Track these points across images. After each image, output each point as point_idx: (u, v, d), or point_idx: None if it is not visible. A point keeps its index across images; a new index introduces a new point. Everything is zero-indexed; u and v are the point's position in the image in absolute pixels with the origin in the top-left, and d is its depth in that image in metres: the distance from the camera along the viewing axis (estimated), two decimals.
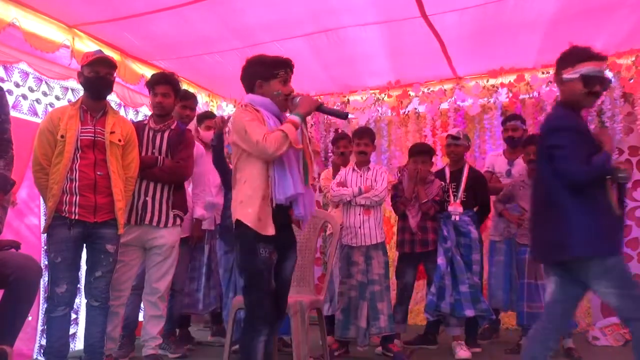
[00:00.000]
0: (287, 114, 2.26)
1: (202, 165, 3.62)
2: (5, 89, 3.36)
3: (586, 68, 2.16)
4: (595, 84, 2.13)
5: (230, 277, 3.47)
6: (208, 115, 4.10)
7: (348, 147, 3.86)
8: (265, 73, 2.24)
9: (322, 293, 3.13)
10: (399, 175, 3.83)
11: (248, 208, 2.12)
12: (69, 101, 3.73)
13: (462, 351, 3.41)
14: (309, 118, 5.67)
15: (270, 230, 2.11)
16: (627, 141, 4.51)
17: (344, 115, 2.54)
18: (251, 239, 2.11)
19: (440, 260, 3.49)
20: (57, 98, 3.80)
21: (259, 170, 2.14)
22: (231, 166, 3.72)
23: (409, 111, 5.17)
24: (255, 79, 2.26)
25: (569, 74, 2.19)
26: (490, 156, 4.37)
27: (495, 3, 3.57)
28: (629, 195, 4.51)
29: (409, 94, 5.13)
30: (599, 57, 2.21)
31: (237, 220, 2.15)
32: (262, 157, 2.12)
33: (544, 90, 4.65)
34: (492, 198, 3.94)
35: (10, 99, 3.43)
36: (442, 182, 3.71)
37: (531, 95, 4.76)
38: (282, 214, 2.18)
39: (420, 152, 3.65)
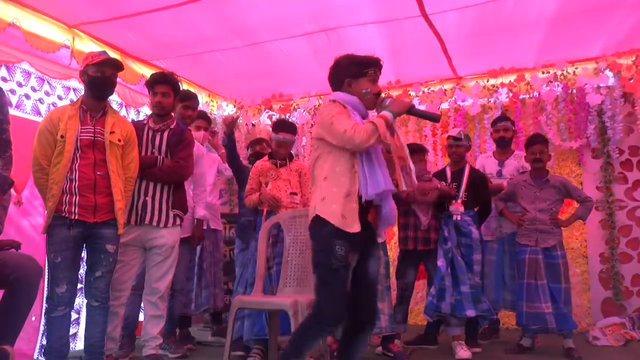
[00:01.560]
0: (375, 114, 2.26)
1: (202, 165, 3.63)
2: (7, 88, 3.38)
3: None
4: None
5: (243, 272, 3.50)
6: (200, 116, 4.06)
7: None
8: (355, 71, 2.24)
9: None
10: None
11: (332, 205, 2.09)
12: (71, 101, 3.73)
13: (463, 351, 3.41)
14: (308, 118, 5.67)
15: (356, 227, 2.07)
16: (627, 141, 4.52)
17: (436, 118, 2.41)
18: (328, 235, 2.07)
19: (441, 262, 3.49)
20: (60, 98, 3.82)
21: (344, 166, 2.13)
22: (245, 163, 3.77)
23: None
24: (345, 77, 2.26)
25: None
26: (481, 158, 4.38)
27: (495, 2, 3.57)
28: (629, 195, 4.51)
29: (409, 94, 5.13)
30: None
31: (317, 217, 2.12)
32: (348, 148, 2.10)
33: (544, 90, 4.65)
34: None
35: (13, 99, 3.44)
36: (442, 182, 3.70)
37: (531, 95, 4.76)
38: (364, 213, 2.13)
39: (414, 151, 3.60)
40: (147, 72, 4.30)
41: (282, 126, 3.44)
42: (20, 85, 3.51)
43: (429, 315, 3.49)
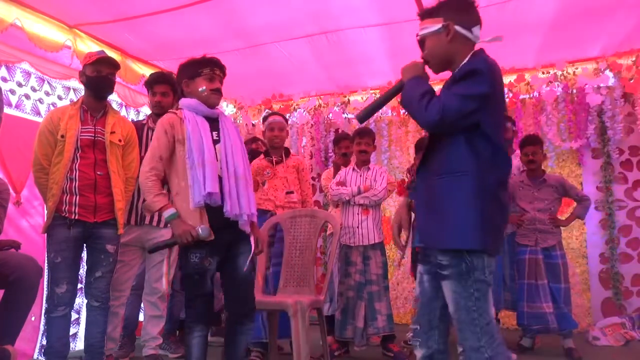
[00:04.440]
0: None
1: None
2: (7, 88, 3.38)
3: None
4: None
5: None
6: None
7: (350, 148, 3.86)
8: (190, 73, 2.33)
9: (322, 293, 3.13)
10: (410, 174, 3.75)
11: (188, 220, 2.18)
12: (71, 101, 3.73)
13: None
14: (308, 118, 5.67)
15: (211, 236, 2.16)
16: (627, 141, 4.52)
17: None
18: (183, 247, 2.19)
19: None
20: (60, 98, 3.82)
21: (185, 180, 2.20)
22: None
23: None
24: (181, 79, 2.35)
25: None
26: None
27: (495, 6, 3.57)
28: (629, 195, 4.51)
29: None
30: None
31: None
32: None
33: (544, 91, 4.65)
34: None
35: (13, 99, 3.45)
36: None
37: (531, 96, 4.76)
38: (219, 215, 2.19)
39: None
40: (148, 72, 4.29)
41: (271, 114, 3.61)
42: (20, 85, 3.51)
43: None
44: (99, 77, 2.71)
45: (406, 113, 5.14)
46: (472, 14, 1.78)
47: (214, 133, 2.29)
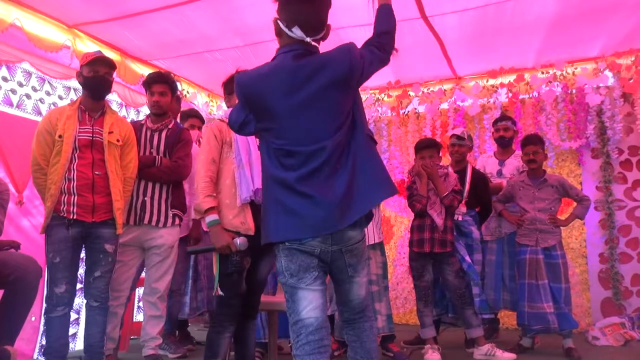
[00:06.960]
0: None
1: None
2: (8, 88, 3.39)
3: None
4: None
5: None
6: (194, 115, 4.02)
7: None
8: (228, 89, 2.55)
9: None
10: (411, 175, 3.75)
11: (229, 214, 2.31)
12: (72, 100, 3.74)
13: (433, 354, 3.35)
14: None
15: (251, 231, 2.30)
16: (626, 141, 4.52)
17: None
18: None
19: (469, 258, 3.47)
20: (60, 97, 3.82)
21: (231, 177, 2.34)
22: None
23: (408, 111, 5.18)
24: (224, 94, 2.63)
25: None
26: (482, 158, 4.37)
27: (495, 5, 3.57)
28: (629, 195, 4.51)
29: (409, 94, 5.14)
30: None
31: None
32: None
33: (543, 90, 4.66)
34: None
35: (14, 98, 3.45)
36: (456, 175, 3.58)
37: (531, 95, 4.77)
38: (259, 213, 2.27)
39: (426, 146, 3.50)
40: (147, 72, 4.29)
41: None
42: (21, 85, 3.51)
43: (484, 313, 3.68)
44: (96, 77, 2.71)
45: (405, 113, 5.19)
46: (289, 14, 1.79)
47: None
